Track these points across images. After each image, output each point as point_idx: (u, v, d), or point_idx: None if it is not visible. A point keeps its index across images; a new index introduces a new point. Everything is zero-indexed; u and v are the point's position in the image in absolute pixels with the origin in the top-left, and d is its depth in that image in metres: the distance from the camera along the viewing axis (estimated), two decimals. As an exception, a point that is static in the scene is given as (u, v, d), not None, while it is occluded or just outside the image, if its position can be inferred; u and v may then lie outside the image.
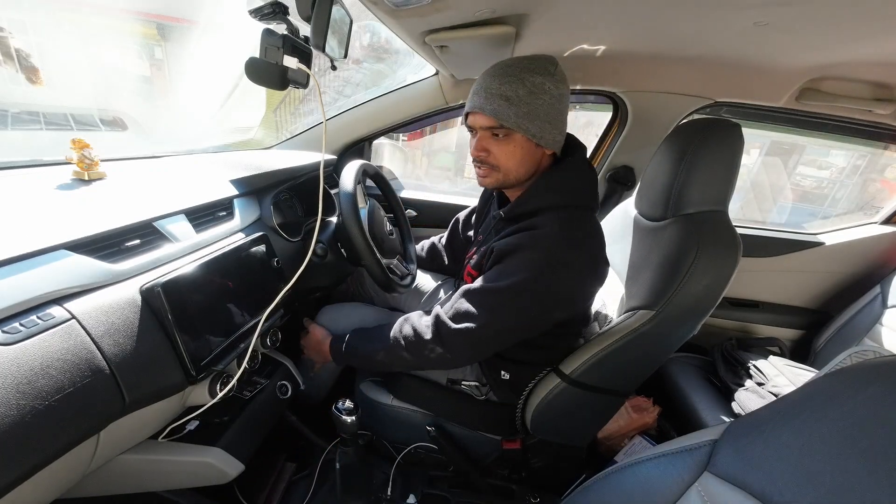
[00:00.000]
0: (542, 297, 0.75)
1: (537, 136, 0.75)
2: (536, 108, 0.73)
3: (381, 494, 0.99)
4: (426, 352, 0.82)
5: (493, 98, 0.74)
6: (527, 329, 0.81)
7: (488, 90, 0.75)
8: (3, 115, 2.63)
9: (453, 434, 1.01)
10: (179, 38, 5.53)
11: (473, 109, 0.78)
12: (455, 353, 0.81)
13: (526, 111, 0.73)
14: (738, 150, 0.85)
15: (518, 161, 0.79)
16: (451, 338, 0.79)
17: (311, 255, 0.90)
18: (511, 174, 0.80)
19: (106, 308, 0.57)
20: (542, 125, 0.75)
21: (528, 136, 0.75)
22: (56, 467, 0.50)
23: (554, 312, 0.79)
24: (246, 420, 0.86)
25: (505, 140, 0.77)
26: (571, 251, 0.75)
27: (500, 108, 0.73)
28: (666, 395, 1.32)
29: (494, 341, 0.81)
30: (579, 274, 0.77)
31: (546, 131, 0.75)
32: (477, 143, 0.80)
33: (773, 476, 0.37)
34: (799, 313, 1.57)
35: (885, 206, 1.54)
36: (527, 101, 0.73)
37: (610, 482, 0.54)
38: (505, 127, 0.75)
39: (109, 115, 3.15)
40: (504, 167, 0.80)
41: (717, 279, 0.79)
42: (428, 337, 0.81)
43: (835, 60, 0.97)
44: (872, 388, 0.36)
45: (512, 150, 0.77)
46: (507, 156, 0.78)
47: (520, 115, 0.73)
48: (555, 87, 0.74)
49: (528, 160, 0.80)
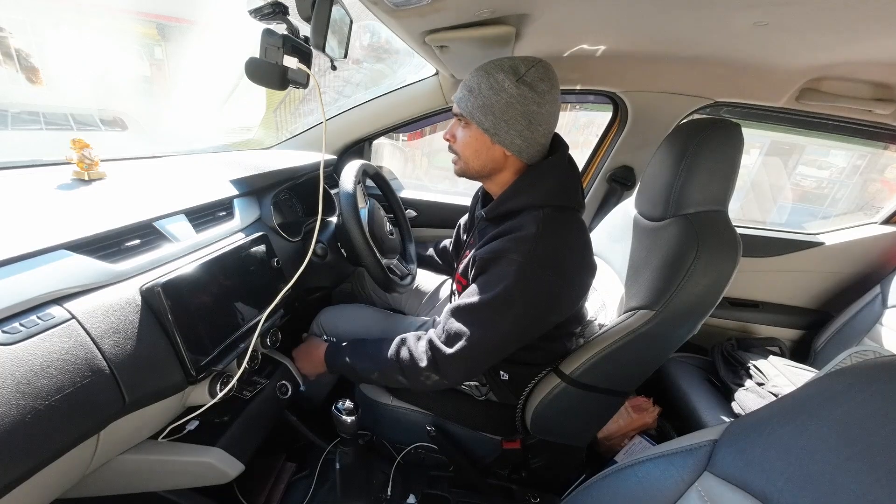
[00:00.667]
0: (531, 301, 0.74)
1: (490, 131, 0.77)
2: (493, 104, 0.75)
3: (381, 494, 0.99)
4: (422, 378, 0.81)
5: (462, 88, 0.79)
6: (523, 336, 0.80)
7: (463, 82, 0.79)
8: (3, 115, 2.64)
9: (453, 434, 1.01)
10: (179, 38, 5.53)
11: (452, 99, 0.83)
12: (451, 378, 0.80)
13: (481, 104, 0.75)
14: (738, 150, 0.85)
15: (472, 151, 0.81)
16: (446, 364, 0.78)
17: (311, 255, 0.90)
18: (469, 164, 0.83)
19: (106, 308, 0.57)
20: (497, 122, 0.76)
21: (482, 128, 0.77)
22: (56, 467, 0.50)
23: (548, 316, 0.79)
24: (246, 420, 0.86)
25: (465, 128, 0.81)
26: (553, 252, 0.74)
27: (462, 97, 0.78)
28: (666, 395, 1.32)
29: (492, 355, 0.80)
30: (564, 274, 0.76)
31: (501, 129, 0.76)
32: (449, 129, 0.85)
33: (773, 476, 0.37)
34: (799, 313, 1.57)
35: (885, 206, 1.54)
36: (485, 94, 0.75)
37: (610, 482, 0.54)
38: (463, 116, 0.78)
39: (109, 115, 3.15)
40: (462, 155, 0.83)
41: (717, 279, 0.79)
42: (423, 364, 0.80)
43: (835, 60, 0.97)
44: (872, 388, 0.36)
45: (468, 140, 0.81)
46: (465, 144, 0.82)
47: (475, 107, 0.76)
48: (516, 88, 0.73)
49: (483, 154, 0.81)
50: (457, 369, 0.79)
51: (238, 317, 0.79)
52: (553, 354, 0.91)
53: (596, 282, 0.87)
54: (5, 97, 2.83)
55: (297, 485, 1.05)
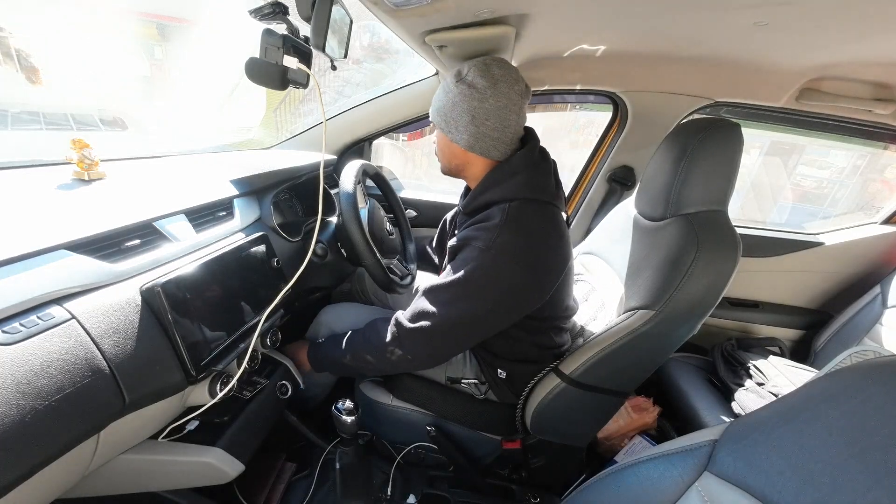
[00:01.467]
0: (491, 287, 0.77)
1: (444, 130, 0.84)
2: (442, 105, 0.82)
3: (381, 494, 0.99)
4: (387, 355, 0.84)
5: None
6: (485, 321, 0.81)
7: None
8: (3, 115, 2.64)
9: (453, 434, 1.01)
10: (179, 38, 5.54)
11: None
12: (414, 353, 0.83)
13: (437, 107, 0.84)
14: (738, 150, 0.85)
15: (440, 150, 0.89)
16: (407, 338, 0.81)
17: (311, 255, 0.90)
18: (441, 163, 0.91)
19: (106, 308, 0.57)
20: (448, 122, 0.82)
21: (438, 128, 0.85)
22: (56, 467, 0.50)
23: (511, 304, 0.80)
24: (246, 420, 0.86)
25: (436, 131, 0.88)
26: (514, 240, 0.77)
27: (432, 103, 0.86)
28: (666, 395, 1.32)
29: (452, 336, 0.81)
30: (527, 264, 0.78)
31: (451, 128, 0.82)
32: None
33: (773, 476, 0.37)
34: (799, 313, 1.57)
35: (885, 206, 1.54)
36: (438, 97, 0.84)
37: (610, 482, 0.54)
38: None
39: (109, 115, 3.15)
40: (438, 156, 0.91)
41: (716, 279, 0.79)
42: (387, 340, 0.83)
43: (835, 60, 0.97)
44: (872, 388, 0.36)
45: (438, 141, 0.89)
46: (437, 146, 0.90)
47: (433, 110, 0.85)
48: (456, 87, 0.79)
49: (447, 152, 0.88)
50: (417, 343, 0.81)
51: (238, 317, 0.79)
52: (547, 350, 0.91)
53: (596, 282, 0.88)
54: (5, 97, 2.84)
55: (297, 485, 1.05)
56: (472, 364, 1.00)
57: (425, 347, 0.82)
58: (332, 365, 0.96)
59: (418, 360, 0.84)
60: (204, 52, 5.14)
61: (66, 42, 5.00)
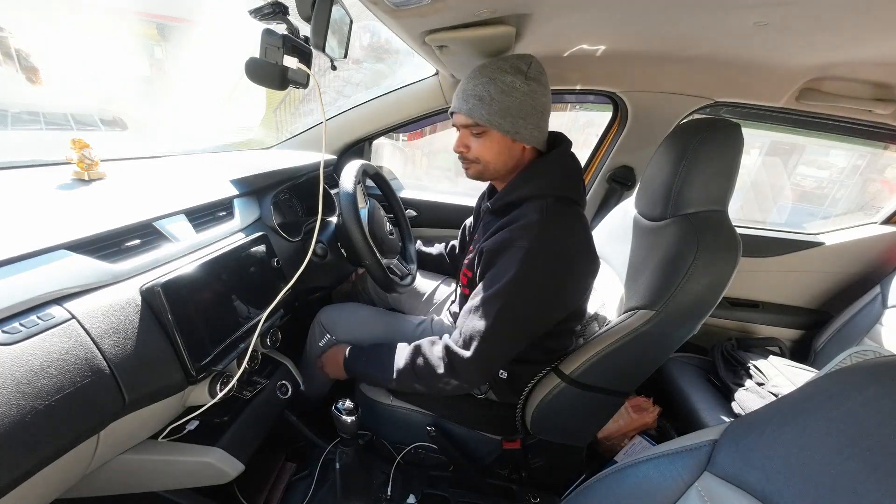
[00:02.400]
0: (539, 287, 0.76)
1: (511, 131, 0.79)
2: (508, 106, 0.77)
3: (381, 494, 0.99)
4: (441, 384, 0.82)
5: (469, 98, 0.79)
6: (534, 327, 0.81)
7: (465, 91, 0.80)
8: (3, 115, 2.64)
9: (453, 434, 1.01)
10: (179, 38, 5.54)
11: (453, 110, 0.84)
12: (472, 381, 0.82)
13: (497, 109, 0.77)
14: (738, 150, 0.85)
15: (495, 154, 0.83)
16: (465, 369, 0.79)
17: (311, 255, 0.90)
18: (490, 166, 0.85)
19: (106, 308, 0.57)
20: (515, 121, 0.78)
21: (502, 132, 0.79)
22: (56, 467, 0.50)
23: (555, 305, 0.80)
24: (246, 420, 0.86)
25: (481, 136, 0.82)
26: (556, 240, 0.76)
27: (475, 108, 0.79)
28: (666, 395, 1.32)
29: (507, 349, 0.81)
30: (569, 263, 0.77)
31: (520, 126, 0.79)
32: (458, 140, 0.86)
33: (773, 476, 0.37)
34: (799, 313, 1.57)
35: (885, 206, 1.54)
36: (499, 99, 0.77)
37: (610, 482, 0.54)
38: (480, 124, 0.79)
39: (109, 115, 3.16)
40: (482, 159, 0.84)
41: (716, 279, 0.79)
42: (441, 371, 0.81)
43: (835, 60, 0.97)
44: (872, 388, 0.36)
45: (489, 145, 0.82)
46: (483, 149, 0.83)
47: (492, 113, 0.78)
48: (526, 84, 0.77)
49: (506, 153, 0.83)
50: (476, 371, 0.79)
51: (238, 317, 0.79)
52: (553, 353, 0.91)
53: (596, 282, 0.87)
54: (5, 97, 2.84)
55: (297, 485, 1.05)
56: (473, 364, 1.00)
57: (483, 373, 0.81)
58: (373, 382, 0.96)
59: (475, 385, 0.85)
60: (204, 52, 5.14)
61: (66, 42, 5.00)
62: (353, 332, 1.07)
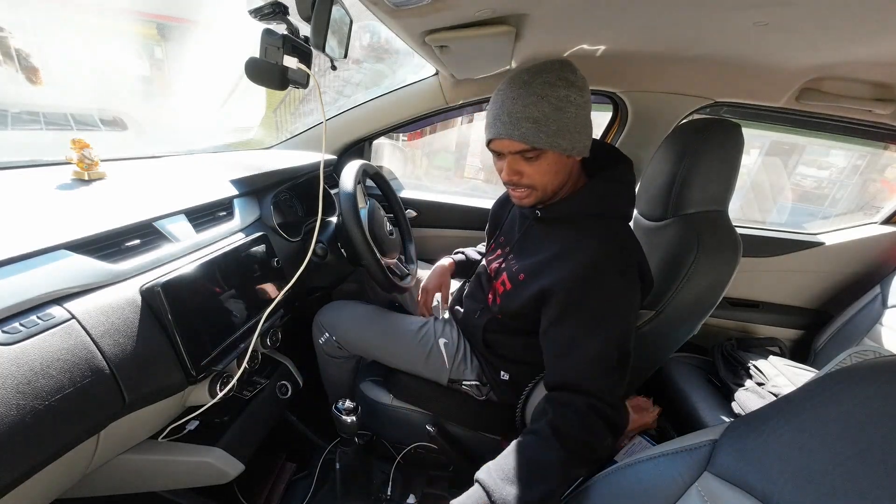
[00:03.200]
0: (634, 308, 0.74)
1: (568, 149, 0.73)
2: (566, 124, 0.71)
3: (381, 494, 0.99)
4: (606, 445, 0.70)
5: (520, 122, 0.71)
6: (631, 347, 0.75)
7: (512, 115, 0.71)
8: (3, 115, 2.64)
9: (453, 434, 1.01)
10: (179, 38, 5.54)
11: (500, 136, 0.74)
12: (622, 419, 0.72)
13: (556, 129, 0.71)
14: (738, 150, 0.85)
15: (552, 176, 0.77)
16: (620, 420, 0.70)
17: (311, 255, 0.90)
18: (548, 189, 0.78)
19: (106, 308, 0.57)
20: (573, 137, 0.73)
21: (560, 151, 0.73)
22: (56, 467, 0.50)
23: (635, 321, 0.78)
24: (246, 420, 0.86)
25: (537, 160, 0.74)
26: (634, 261, 0.75)
27: (529, 132, 0.71)
28: (666, 395, 1.31)
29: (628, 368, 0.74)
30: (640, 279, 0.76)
31: (577, 141, 0.74)
32: (508, 168, 0.76)
33: (773, 476, 0.37)
34: (799, 313, 1.57)
35: (885, 206, 1.54)
36: (554, 118, 0.70)
37: (610, 482, 0.54)
38: (536, 148, 0.72)
39: (109, 115, 3.16)
40: (540, 185, 0.77)
41: (717, 279, 0.79)
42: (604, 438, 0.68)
43: (835, 60, 0.97)
44: (872, 388, 0.36)
45: (546, 168, 0.75)
46: (542, 174, 0.76)
47: (550, 135, 0.71)
48: (579, 95, 0.72)
49: (562, 172, 0.78)
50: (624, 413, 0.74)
51: (238, 317, 0.79)
52: None
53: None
54: (5, 97, 2.83)
55: (297, 485, 1.05)
56: (474, 366, 1.00)
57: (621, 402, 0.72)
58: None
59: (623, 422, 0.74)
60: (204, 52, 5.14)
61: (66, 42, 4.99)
62: (352, 331, 1.07)
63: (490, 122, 0.76)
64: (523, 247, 0.86)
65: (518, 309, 0.82)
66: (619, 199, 0.80)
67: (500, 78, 1.29)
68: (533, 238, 0.84)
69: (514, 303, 0.82)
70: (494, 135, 0.75)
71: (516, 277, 0.82)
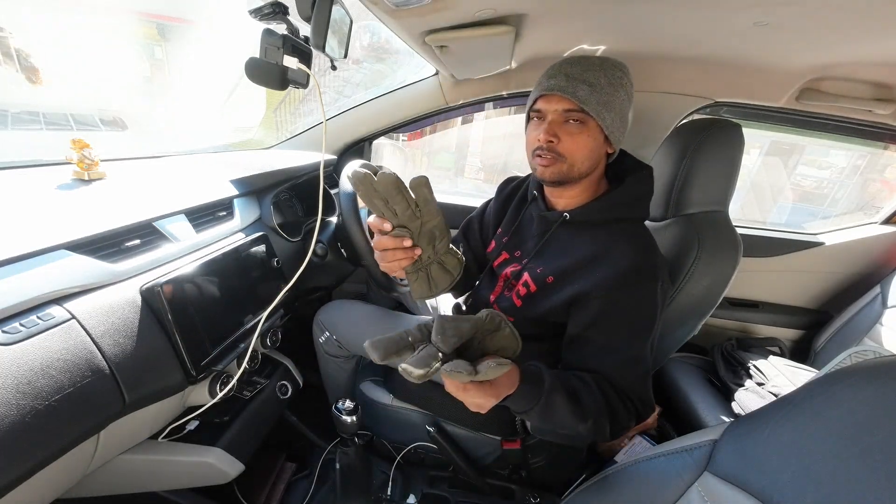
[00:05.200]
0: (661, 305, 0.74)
1: (609, 128, 0.72)
2: (614, 100, 0.71)
3: (381, 494, 0.99)
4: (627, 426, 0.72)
5: (576, 82, 0.70)
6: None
7: (570, 74, 0.71)
8: (3, 115, 2.64)
9: (453, 434, 1.01)
10: (179, 38, 5.54)
11: (551, 90, 0.72)
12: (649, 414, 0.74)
13: (606, 100, 0.70)
14: (739, 150, 0.85)
15: (586, 152, 0.74)
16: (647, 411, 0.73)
17: (311, 255, 0.90)
18: (576, 166, 0.74)
19: (106, 308, 0.57)
20: (615, 119, 0.72)
21: (603, 126, 0.72)
22: (56, 467, 0.50)
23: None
24: (246, 420, 0.86)
25: (578, 127, 0.72)
26: (659, 260, 0.74)
27: (583, 92, 0.69)
28: (666, 395, 1.31)
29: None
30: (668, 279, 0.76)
31: (616, 127, 0.73)
32: (548, 128, 0.73)
33: (773, 476, 0.37)
34: (799, 313, 1.56)
35: (885, 206, 1.53)
36: (608, 90, 0.70)
37: (610, 482, 0.54)
38: (584, 112, 0.71)
39: (109, 115, 3.16)
40: (571, 157, 0.73)
41: (717, 279, 0.79)
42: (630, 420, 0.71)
43: (835, 60, 0.97)
44: (872, 388, 0.36)
45: (584, 140, 0.73)
46: (578, 144, 0.73)
47: (600, 103, 0.70)
48: (630, 88, 0.74)
49: (595, 154, 0.75)
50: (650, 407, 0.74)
51: (238, 317, 0.79)
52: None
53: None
54: (5, 97, 2.84)
55: (297, 485, 1.05)
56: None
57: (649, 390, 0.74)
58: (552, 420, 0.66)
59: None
60: (204, 52, 5.15)
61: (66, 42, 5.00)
62: (352, 330, 1.07)
63: (542, 81, 0.75)
64: (547, 249, 0.82)
65: (544, 312, 0.79)
66: (647, 203, 0.79)
67: (500, 78, 1.30)
68: (559, 240, 0.81)
69: (542, 305, 0.79)
70: (546, 89, 0.73)
71: (543, 280, 0.79)
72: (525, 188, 0.95)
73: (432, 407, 1.00)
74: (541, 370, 0.65)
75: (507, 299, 0.85)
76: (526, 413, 0.63)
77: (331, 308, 1.13)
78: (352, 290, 1.53)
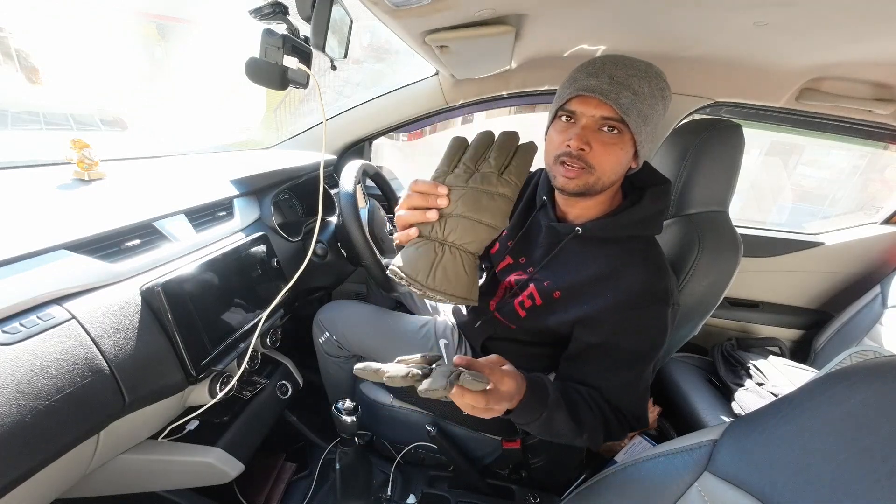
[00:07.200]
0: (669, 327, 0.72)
1: (642, 143, 0.66)
2: (653, 113, 0.65)
3: (381, 494, 0.99)
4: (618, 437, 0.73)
5: (620, 87, 0.63)
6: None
7: (614, 77, 0.63)
8: (3, 115, 2.64)
9: (453, 434, 1.01)
10: (179, 38, 5.55)
11: (591, 93, 0.63)
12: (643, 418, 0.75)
13: (646, 112, 0.64)
14: (739, 150, 0.85)
15: (615, 165, 0.67)
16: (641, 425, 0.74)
17: (311, 255, 0.90)
18: (602, 179, 0.68)
19: (106, 308, 0.57)
20: (650, 133, 0.67)
21: (637, 139, 0.65)
22: (56, 467, 0.50)
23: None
24: (246, 420, 0.86)
25: (613, 137, 0.65)
26: (669, 283, 0.72)
27: (626, 100, 0.62)
28: (666, 395, 1.31)
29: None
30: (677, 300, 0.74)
31: (647, 141, 0.67)
32: (581, 133, 0.65)
33: (773, 476, 0.37)
34: (799, 313, 1.57)
35: (885, 206, 1.53)
36: (649, 101, 0.64)
37: (610, 482, 0.54)
38: (623, 122, 0.64)
39: (109, 115, 3.16)
40: (600, 168, 0.66)
41: (718, 279, 0.79)
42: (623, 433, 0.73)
43: (835, 60, 0.97)
44: (872, 388, 0.36)
45: (616, 152, 0.66)
46: (609, 156, 0.66)
47: (640, 115, 0.64)
48: (668, 101, 0.68)
49: (622, 168, 0.69)
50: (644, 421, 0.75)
51: (238, 317, 0.79)
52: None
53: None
54: (5, 97, 2.84)
55: (297, 485, 1.05)
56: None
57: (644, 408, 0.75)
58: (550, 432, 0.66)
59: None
60: (204, 52, 5.15)
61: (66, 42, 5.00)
62: (352, 330, 1.07)
63: (578, 77, 0.67)
64: (555, 263, 0.78)
65: (548, 327, 0.77)
66: (662, 219, 0.75)
67: (500, 78, 1.30)
68: (568, 254, 0.77)
69: (547, 320, 0.77)
70: (585, 89, 0.64)
71: (549, 294, 0.76)
72: (532, 189, 0.89)
73: (432, 407, 1.00)
74: (546, 386, 0.64)
75: (510, 308, 0.82)
76: (527, 425, 0.63)
77: (331, 308, 1.13)
78: (352, 290, 1.53)
